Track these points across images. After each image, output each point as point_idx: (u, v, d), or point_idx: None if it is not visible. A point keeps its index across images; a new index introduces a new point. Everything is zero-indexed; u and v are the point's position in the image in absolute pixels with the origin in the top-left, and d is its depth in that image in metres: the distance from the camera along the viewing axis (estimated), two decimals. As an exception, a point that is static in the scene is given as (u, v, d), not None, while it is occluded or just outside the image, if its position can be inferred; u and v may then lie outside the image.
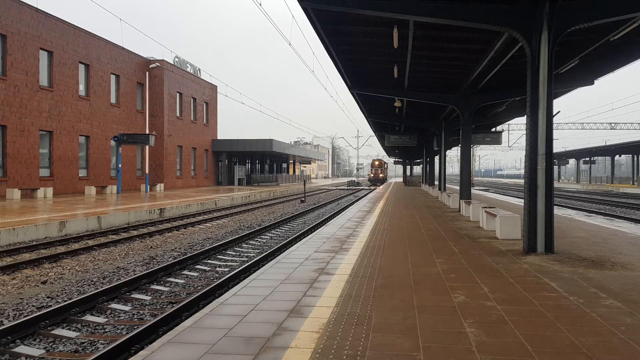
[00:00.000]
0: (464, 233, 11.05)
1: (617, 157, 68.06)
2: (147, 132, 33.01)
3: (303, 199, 30.03)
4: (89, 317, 6.55)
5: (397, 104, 19.61)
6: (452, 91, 16.67)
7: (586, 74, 15.01)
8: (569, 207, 26.59)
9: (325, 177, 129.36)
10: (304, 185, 32.93)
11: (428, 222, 13.34)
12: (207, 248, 11.33)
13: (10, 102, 23.00)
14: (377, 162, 70.52)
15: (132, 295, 7.62)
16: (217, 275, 9.23)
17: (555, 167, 72.24)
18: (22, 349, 5.44)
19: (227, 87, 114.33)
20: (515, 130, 65.59)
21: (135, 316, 6.68)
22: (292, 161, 72.56)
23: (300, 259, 7.66)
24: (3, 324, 6.11)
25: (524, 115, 24.14)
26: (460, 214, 15.99)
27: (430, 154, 35.16)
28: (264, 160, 60.01)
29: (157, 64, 35.33)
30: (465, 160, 17.11)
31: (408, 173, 65.73)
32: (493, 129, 27.27)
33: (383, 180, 68.62)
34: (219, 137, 47.21)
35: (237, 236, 13.37)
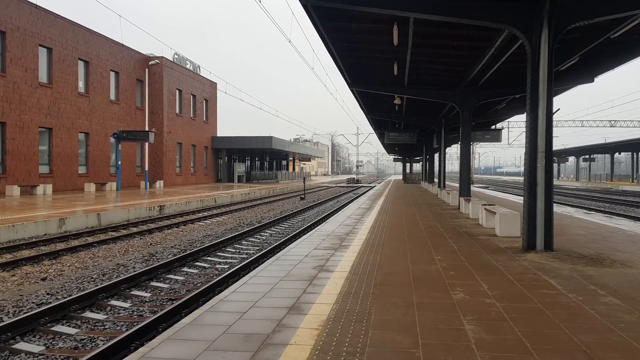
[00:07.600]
0: (464, 230, 11.06)
1: (616, 154, 68.12)
2: (147, 129, 32.96)
3: (303, 196, 30.03)
4: (88, 314, 6.55)
5: (397, 101, 19.59)
6: (452, 88, 16.66)
7: (586, 72, 15.00)
8: (569, 205, 26.59)
9: (324, 175, 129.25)
10: (304, 183, 32.91)
11: (427, 220, 13.34)
12: (206, 245, 11.34)
13: (10, 98, 22.97)
14: None
15: (132, 292, 7.63)
16: (216, 272, 9.23)
17: (555, 165, 72.25)
18: (21, 345, 5.44)
19: (227, 84, 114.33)
20: (515, 127, 65.71)
21: (134, 313, 6.69)
22: (291, 158, 72.54)
23: (300, 256, 7.66)
24: (3, 321, 6.11)
25: (523, 113, 24.17)
26: (459, 212, 15.99)
27: (430, 151, 35.15)
28: (263, 157, 60.00)
29: (156, 60, 35.25)
30: (465, 158, 17.12)
31: (408, 170, 65.76)
32: (493, 127, 27.26)
33: None
34: (218, 134, 47.16)
35: (236, 233, 13.38)
